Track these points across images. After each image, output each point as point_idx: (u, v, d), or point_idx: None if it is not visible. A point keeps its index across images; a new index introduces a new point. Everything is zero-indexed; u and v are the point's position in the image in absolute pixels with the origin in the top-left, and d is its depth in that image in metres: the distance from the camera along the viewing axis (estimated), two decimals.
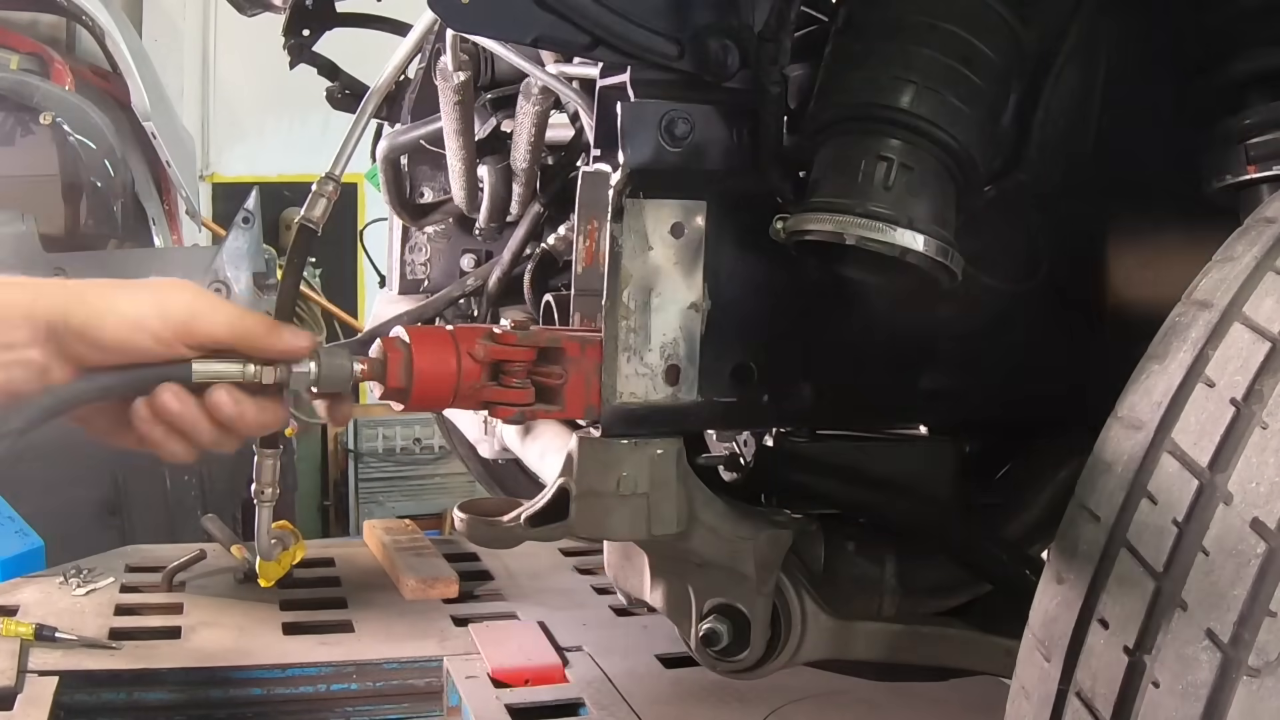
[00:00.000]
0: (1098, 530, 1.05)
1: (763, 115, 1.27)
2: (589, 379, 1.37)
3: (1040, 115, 1.46)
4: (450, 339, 1.33)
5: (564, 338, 1.37)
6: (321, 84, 2.73)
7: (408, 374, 1.31)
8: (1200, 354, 1.05)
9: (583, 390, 1.37)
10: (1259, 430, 0.96)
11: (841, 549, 1.70)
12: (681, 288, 1.38)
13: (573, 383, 1.36)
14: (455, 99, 1.76)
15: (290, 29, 2.57)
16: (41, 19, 4.73)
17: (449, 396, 1.33)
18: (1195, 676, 0.93)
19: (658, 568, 1.58)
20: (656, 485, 1.42)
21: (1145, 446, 1.04)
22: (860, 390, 1.52)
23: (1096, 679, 1.01)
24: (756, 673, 1.62)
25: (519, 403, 1.35)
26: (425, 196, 2.46)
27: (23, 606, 2.56)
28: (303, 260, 1.72)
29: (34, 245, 3.99)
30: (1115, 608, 1.01)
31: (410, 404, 1.34)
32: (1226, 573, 0.93)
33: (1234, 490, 0.95)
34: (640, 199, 1.35)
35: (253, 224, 4.42)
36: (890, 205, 1.18)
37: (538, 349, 1.35)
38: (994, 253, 1.49)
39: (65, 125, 4.22)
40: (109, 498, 4.05)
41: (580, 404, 1.38)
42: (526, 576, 2.86)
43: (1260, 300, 1.04)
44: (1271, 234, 1.09)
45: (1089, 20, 1.44)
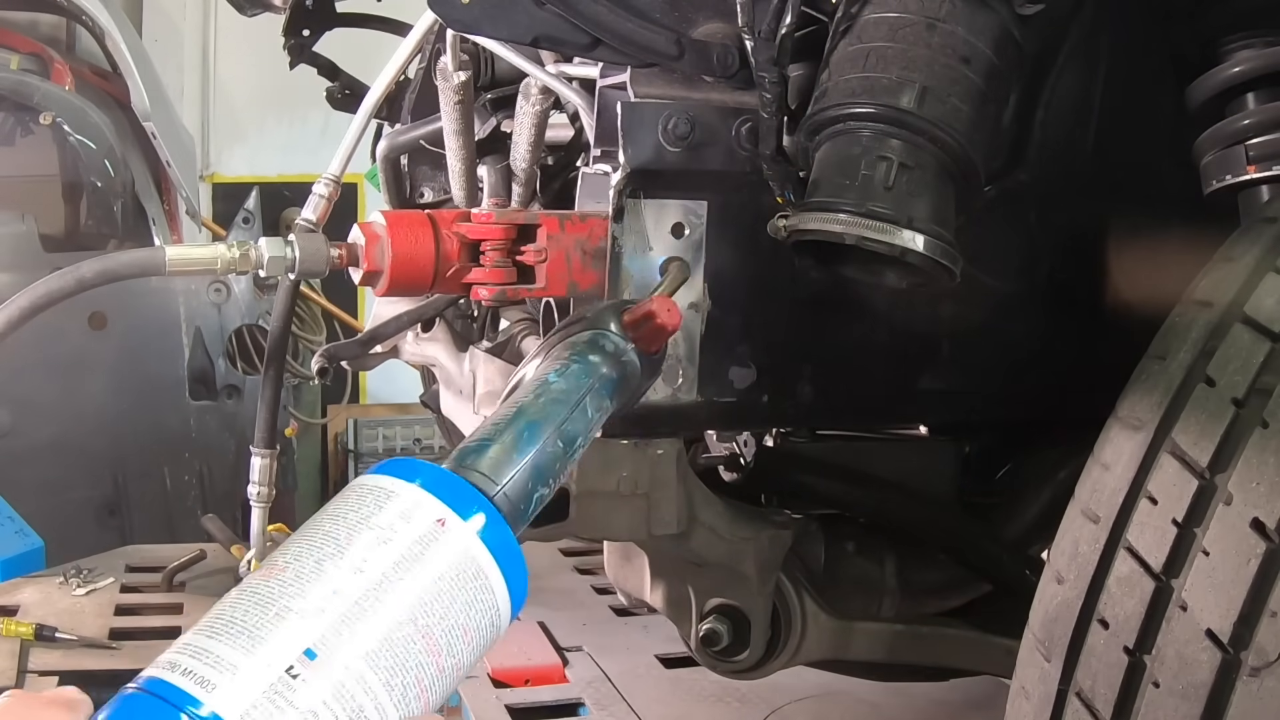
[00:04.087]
0: (1098, 530, 1.05)
1: (763, 115, 1.27)
2: (569, 256, 1.35)
3: (1040, 115, 1.47)
4: (428, 221, 1.32)
5: (542, 215, 1.36)
6: (321, 84, 2.73)
7: (384, 256, 1.30)
8: (1200, 354, 1.05)
9: (564, 267, 1.35)
10: (1259, 430, 0.96)
11: (841, 549, 1.70)
12: (682, 288, 1.38)
13: (553, 260, 1.35)
14: (455, 99, 1.75)
15: (290, 29, 2.57)
16: (41, 19, 4.73)
17: (428, 279, 1.32)
18: (1195, 676, 0.93)
19: (658, 568, 1.58)
20: (656, 485, 1.42)
21: (1145, 446, 1.04)
22: (860, 390, 1.52)
23: (1096, 679, 1.01)
24: (756, 673, 1.62)
25: (499, 281, 1.33)
26: (425, 196, 2.45)
27: (23, 606, 2.56)
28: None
29: (34, 245, 3.99)
30: (1115, 608, 1.01)
31: (388, 287, 1.33)
32: (1226, 573, 0.93)
33: (1234, 490, 0.95)
34: (640, 199, 1.35)
35: (253, 224, 4.42)
36: (890, 205, 1.18)
37: (516, 227, 1.34)
38: (994, 253, 1.49)
39: (65, 125, 4.22)
40: (109, 498, 4.05)
41: (562, 281, 1.36)
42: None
43: (1261, 300, 1.04)
44: (1271, 234, 1.10)
45: (1089, 20, 1.44)
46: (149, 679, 0.68)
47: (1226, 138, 1.27)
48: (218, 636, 0.69)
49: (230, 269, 1.34)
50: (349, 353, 2.00)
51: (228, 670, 0.67)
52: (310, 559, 0.73)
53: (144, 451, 4.10)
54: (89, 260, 1.44)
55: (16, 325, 1.41)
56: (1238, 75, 1.28)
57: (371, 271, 1.32)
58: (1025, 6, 1.23)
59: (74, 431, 3.96)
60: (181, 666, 0.68)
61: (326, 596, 0.71)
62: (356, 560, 0.73)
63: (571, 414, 0.93)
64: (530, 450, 0.88)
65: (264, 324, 4.14)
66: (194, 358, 4.21)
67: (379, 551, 0.73)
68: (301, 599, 0.70)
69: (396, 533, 0.74)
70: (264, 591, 0.71)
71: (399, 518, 0.75)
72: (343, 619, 0.70)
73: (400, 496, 0.76)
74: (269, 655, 0.68)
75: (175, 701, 0.66)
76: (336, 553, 0.73)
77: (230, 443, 4.23)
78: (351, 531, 0.74)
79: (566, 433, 0.92)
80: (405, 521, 0.75)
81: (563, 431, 0.92)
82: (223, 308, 4.23)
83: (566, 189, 1.88)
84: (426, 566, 0.74)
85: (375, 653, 0.70)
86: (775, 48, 1.25)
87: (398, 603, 0.72)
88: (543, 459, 0.89)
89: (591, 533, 1.47)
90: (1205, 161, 1.29)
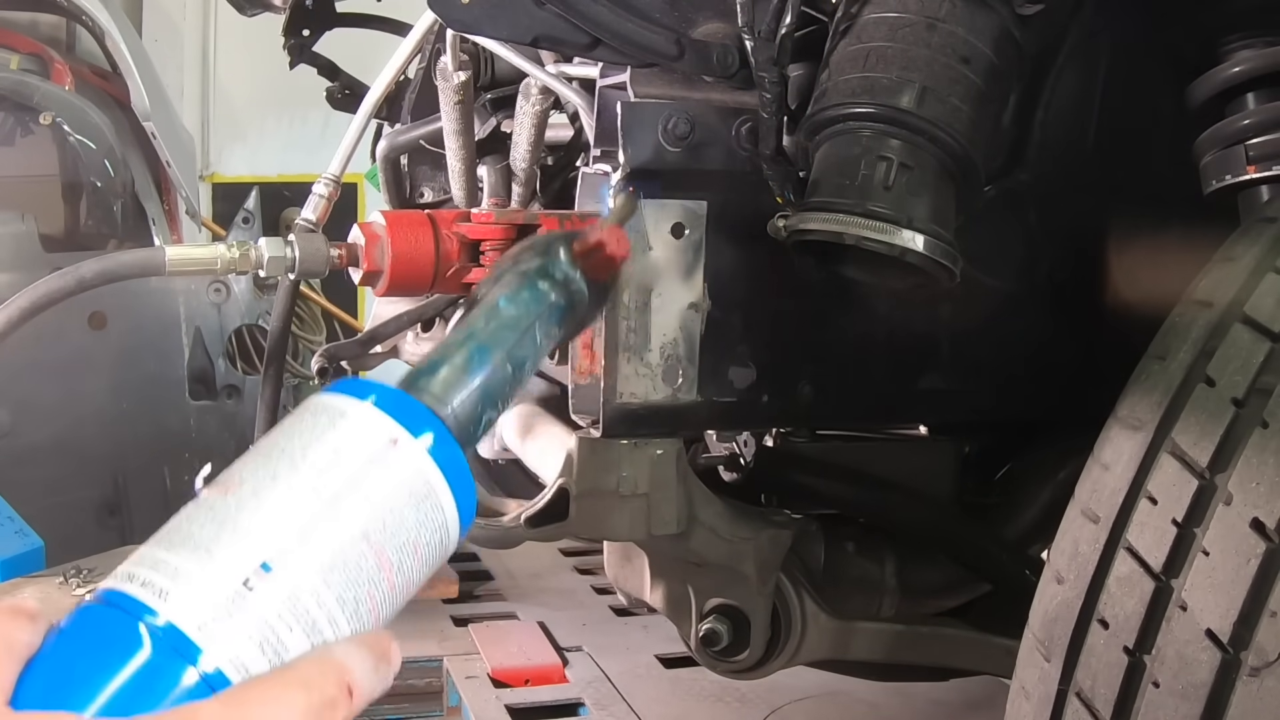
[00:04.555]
0: (1098, 530, 1.05)
1: (763, 115, 1.27)
2: None
3: (1040, 115, 1.47)
4: (428, 221, 1.32)
5: (542, 215, 1.36)
6: (321, 84, 2.73)
7: (384, 256, 1.31)
8: (1200, 354, 1.05)
9: None
10: (1259, 430, 0.96)
11: (841, 549, 1.70)
12: (681, 288, 1.38)
13: None
14: (455, 99, 1.75)
15: (290, 29, 2.57)
16: (41, 19, 4.72)
17: (428, 279, 1.33)
18: (1195, 676, 0.93)
19: (658, 568, 1.58)
20: (656, 485, 1.42)
21: (1145, 446, 1.04)
22: (860, 390, 1.52)
23: (1096, 679, 1.01)
24: (756, 673, 1.62)
25: None
26: (425, 196, 2.45)
27: None
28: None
29: (34, 245, 3.99)
30: (1115, 608, 1.01)
31: (388, 287, 1.33)
32: (1226, 573, 0.93)
33: (1234, 490, 0.95)
34: (640, 199, 1.35)
35: (253, 224, 4.42)
36: (890, 205, 1.18)
37: (516, 227, 1.34)
38: (994, 253, 1.49)
39: (65, 125, 4.22)
40: (109, 498, 4.05)
41: None
42: (526, 576, 2.85)
43: (1261, 300, 1.04)
44: (1271, 234, 1.10)
45: (1089, 20, 1.44)
46: (106, 590, 0.69)
47: (1226, 138, 1.27)
48: (175, 549, 0.70)
49: (230, 269, 1.34)
50: (349, 353, 2.00)
51: (184, 581, 0.68)
52: (265, 475, 0.74)
53: (144, 451, 4.10)
54: (89, 260, 1.45)
55: (16, 325, 1.41)
56: (1238, 75, 1.28)
57: (371, 271, 1.32)
58: (1025, 6, 1.23)
59: (74, 431, 3.96)
60: (139, 578, 0.68)
61: (282, 512, 0.72)
62: (311, 476, 0.74)
63: (521, 339, 0.96)
64: (480, 373, 0.90)
65: (264, 324, 4.14)
66: (194, 358, 4.21)
67: (333, 468, 0.74)
68: (257, 514, 0.71)
69: (350, 450, 0.75)
70: (220, 506, 0.72)
71: (352, 435, 0.76)
72: (298, 533, 0.71)
73: (353, 415, 0.77)
74: (226, 568, 0.68)
75: (132, 611, 0.66)
76: (291, 469, 0.74)
77: (230, 443, 4.22)
78: (306, 449, 0.75)
79: (515, 357, 0.94)
80: (359, 439, 0.76)
81: (511, 355, 0.94)
82: (223, 308, 4.23)
83: (566, 189, 1.88)
84: (379, 484, 0.75)
85: (329, 566, 0.71)
86: (775, 48, 1.25)
87: (351, 519, 0.73)
88: (492, 382, 0.91)
89: (591, 533, 1.47)
90: (1205, 161, 1.29)
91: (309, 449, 0.75)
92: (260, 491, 0.73)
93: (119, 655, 0.65)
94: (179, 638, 0.66)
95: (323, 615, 0.70)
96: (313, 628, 0.69)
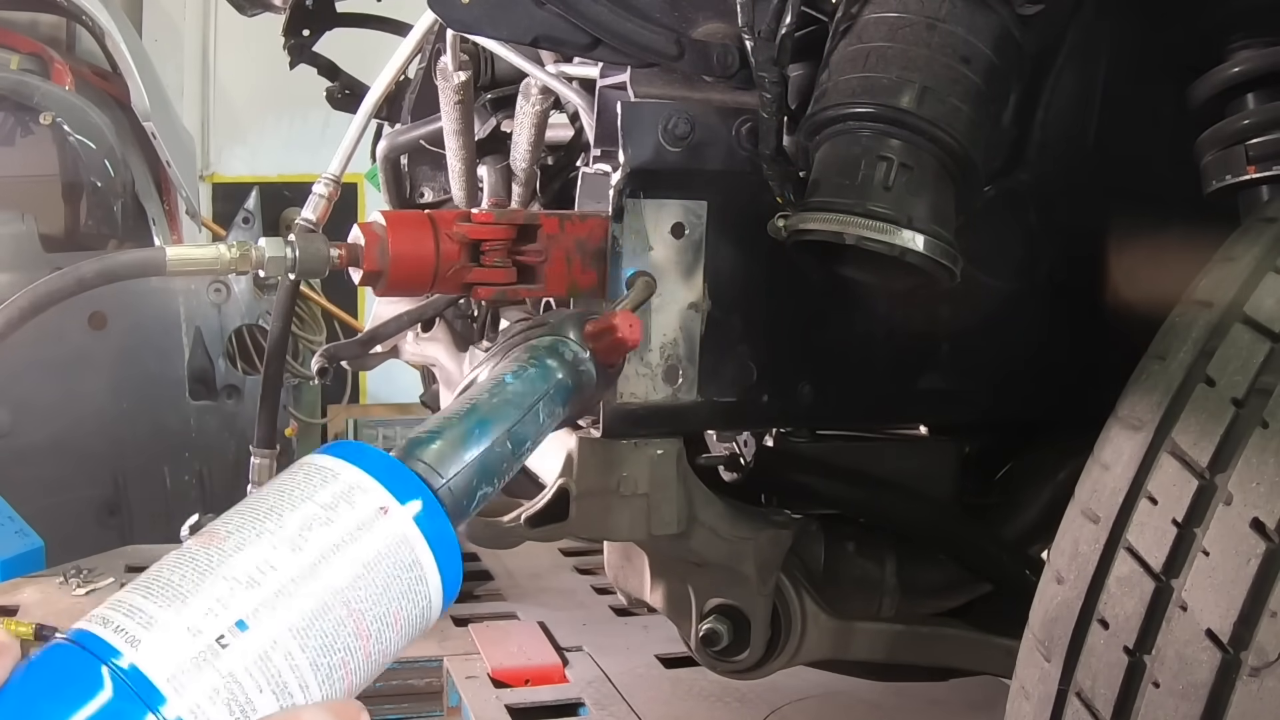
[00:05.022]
0: (1098, 530, 1.05)
1: (763, 115, 1.27)
2: (570, 256, 1.36)
3: (1040, 115, 1.47)
4: (427, 221, 1.32)
5: (542, 215, 1.36)
6: (321, 84, 2.73)
7: (384, 257, 1.31)
8: (1200, 354, 1.05)
9: (564, 268, 1.35)
10: (1259, 430, 0.96)
11: (841, 549, 1.70)
12: (681, 288, 1.38)
13: (553, 260, 1.35)
14: (455, 99, 1.75)
15: (290, 29, 2.57)
16: (41, 19, 4.73)
17: (428, 279, 1.33)
18: (1195, 676, 0.93)
19: (658, 568, 1.58)
20: (656, 485, 1.42)
21: (1145, 446, 1.04)
22: (860, 390, 1.52)
23: (1096, 679, 1.01)
24: (756, 673, 1.62)
25: (499, 282, 1.33)
26: (425, 196, 2.45)
27: (23, 606, 2.56)
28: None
29: (34, 245, 3.99)
30: (1115, 608, 1.01)
31: (388, 287, 1.34)
32: (1226, 573, 0.93)
33: (1234, 490, 0.95)
34: (640, 199, 1.35)
35: (253, 224, 4.42)
36: (890, 205, 1.18)
37: (516, 227, 1.34)
38: (994, 252, 1.49)
39: (65, 125, 4.22)
40: (109, 498, 4.05)
41: (562, 282, 1.36)
42: (526, 576, 2.85)
43: (1261, 300, 1.04)
44: (1271, 234, 1.09)
45: (1089, 20, 1.44)
46: (78, 631, 0.69)
47: (1226, 138, 1.27)
48: (152, 597, 0.69)
49: (230, 269, 1.34)
50: (349, 353, 2.01)
51: (158, 630, 0.68)
52: (251, 530, 0.73)
53: (144, 451, 4.10)
54: (89, 260, 1.44)
55: (16, 325, 1.41)
56: (1238, 75, 1.28)
57: (371, 272, 1.32)
58: (1025, 6, 1.23)
59: (74, 431, 3.96)
60: (113, 623, 0.68)
61: (263, 570, 0.71)
62: (295, 537, 0.73)
63: (523, 416, 0.96)
64: (479, 448, 0.90)
65: (264, 324, 4.14)
66: (194, 358, 4.21)
67: (319, 531, 0.74)
68: (238, 569, 0.71)
69: (338, 514, 0.75)
70: (202, 558, 0.72)
71: (342, 499, 0.76)
72: (276, 594, 0.71)
73: (345, 478, 0.77)
74: (201, 622, 0.68)
75: (101, 654, 0.66)
76: (277, 527, 0.74)
77: (230, 443, 4.23)
78: (293, 507, 0.75)
79: (516, 434, 0.94)
80: (348, 504, 0.76)
81: (513, 433, 0.94)
82: (223, 308, 4.23)
83: (566, 189, 1.88)
84: (364, 550, 0.75)
85: (305, 630, 0.71)
86: (775, 48, 1.25)
87: (332, 583, 0.73)
88: (490, 458, 0.90)
89: (591, 533, 1.47)
90: (1205, 161, 1.29)
91: (297, 508, 0.75)
92: (244, 547, 0.72)
93: (82, 696, 0.65)
94: (144, 684, 0.66)
95: (294, 679, 0.70)
96: (283, 690, 0.69)
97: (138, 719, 0.65)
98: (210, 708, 0.66)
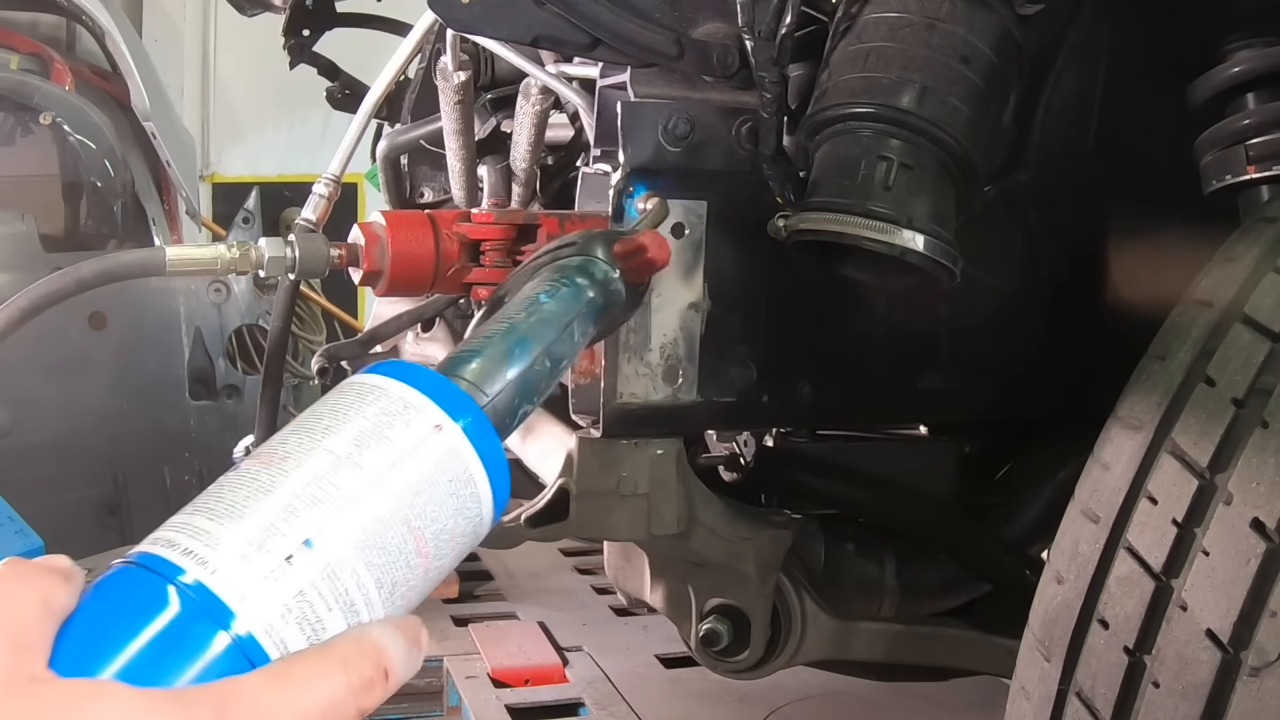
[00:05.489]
0: (1098, 530, 1.05)
1: (763, 115, 1.27)
2: None
3: (1040, 115, 1.47)
4: (428, 221, 1.32)
5: (542, 215, 1.36)
6: (321, 84, 2.73)
7: (384, 257, 1.31)
8: (1200, 354, 1.05)
9: None
10: (1259, 430, 0.96)
11: (841, 549, 1.70)
12: (681, 288, 1.38)
13: None
14: (455, 99, 1.75)
15: (290, 29, 2.57)
16: (41, 19, 4.72)
17: (428, 279, 1.33)
18: (1195, 676, 0.93)
19: (658, 568, 1.58)
20: (656, 485, 1.42)
21: (1145, 446, 1.04)
22: (860, 390, 1.52)
23: (1096, 679, 1.01)
24: (756, 673, 1.62)
25: (499, 281, 1.34)
26: (425, 196, 2.45)
27: None
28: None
29: (34, 245, 3.99)
30: (1115, 608, 1.01)
31: (388, 287, 1.34)
32: (1226, 573, 0.93)
33: (1234, 490, 0.95)
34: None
35: (253, 224, 4.42)
36: (890, 205, 1.18)
37: (516, 227, 1.34)
38: (994, 252, 1.49)
39: (65, 125, 4.22)
40: (109, 498, 4.05)
41: None
42: (526, 576, 2.85)
43: (1261, 300, 1.04)
44: (1271, 234, 1.09)
45: (1089, 20, 1.44)
46: (142, 553, 0.69)
47: (1226, 138, 1.27)
48: (217, 518, 0.69)
49: (230, 269, 1.34)
50: (349, 353, 2.00)
51: (225, 550, 0.67)
52: (309, 450, 0.73)
53: (144, 451, 4.10)
54: (89, 260, 1.44)
55: (16, 325, 1.41)
56: (1238, 75, 1.28)
57: (371, 271, 1.32)
58: (1025, 6, 1.23)
59: (74, 431, 3.96)
60: (179, 544, 0.68)
61: (325, 488, 0.71)
62: (354, 455, 0.73)
63: (560, 335, 0.96)
64: (520, 366, 0.90)
65: (264, 324, 4.14)
66: (194, 358, 4.21)
67: (376, 448, 0.74)
68: (300, 488, 0.71)
69: (394, 431, 0.75)
70: (263, 477, 0.71)
71: (396, 416, 0.76)
72: (340, 512, 0.71)
73: (396, 395, 0.77)
74: (269, 541, 0.68)
75: (167, 574, 0.67)
76: (335, 445, 0.74)
77: (230, 443, 4.22)
78: (350, 426, 0.75)
79: (554, 353, 0.95)
80: (403, 422, 0.76)
81: (550, 351, 0.94)
82: (223, 308, 4.23)
83: (566, 189, 1.88)
84: (421, 467, 0.75)
85: (369, 547, 0.71)
86: (775, 48, 1.25)
87: (393, 500, 0.73)
88: (530, 376, 0.91)
89: (591, 533, 1.47)
90: (1205, 161, 1.29)
91: (353, 426, 0.75)
92: (303, 465, 0.72)
93: (151, 616, 0.65)
94: (214, 602, 0.66)
95: (360, 596, 0.70)
96: (350, 608, 0.69)
97: (209, 637, 0.65)
98: (282, 626, 0.66)
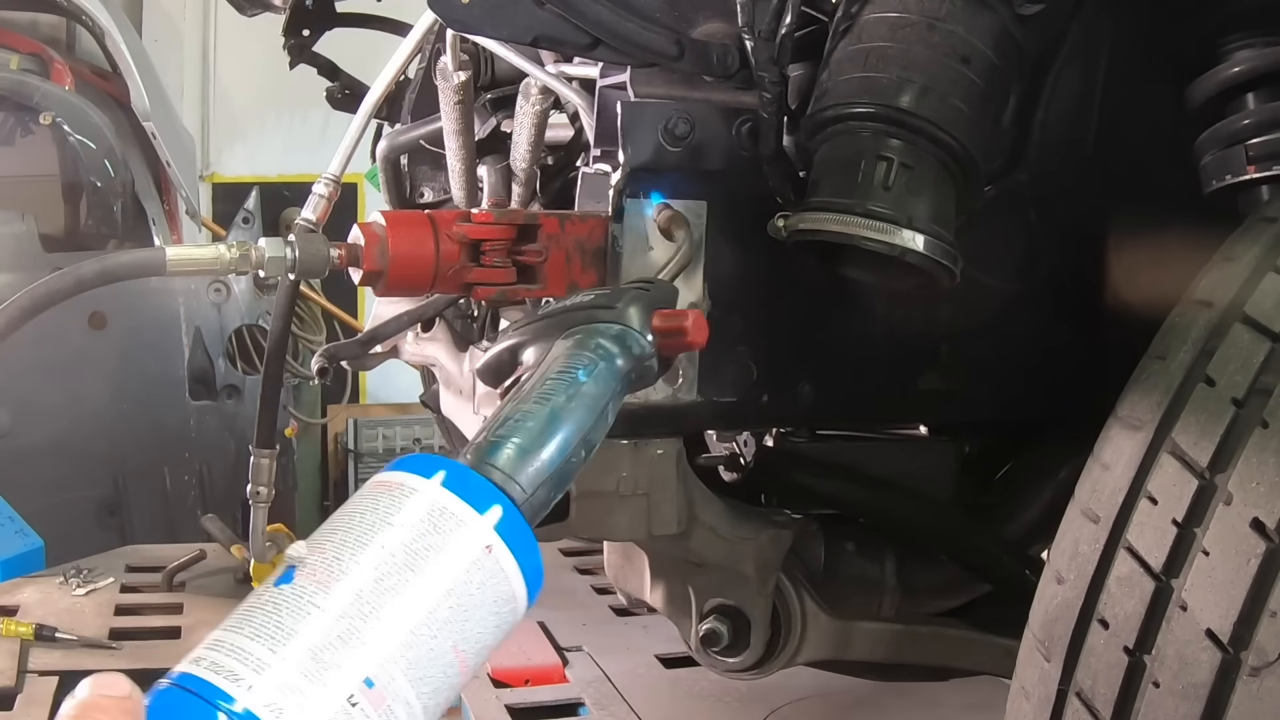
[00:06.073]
0: (1098, 530, 1.05)
1: (763, 115, 1.27)
2: (570, 256, 1.36)
3: (1040, 115, 1.46)
4: (428, 221, 1.32)
5: (542, 215, 1.36)
6: (321, 84, 2.73)
7: (384, 257, 1.31)
8: (1200, 354, 1.05)
9: (564, 267, 1.36)
10: (1259, 430, 0.96)
11: (841, 549, 1.70)
12: (681, 288, 1.38)
13: (553, 260, 1.35)
14: (455, 99, 1.75)
15: (290, 29, 2.57)
16: (41, 19, 4.73)
17: (428, 279, 1.33)
18: (1195, 676, 0.93)
19: (658, 568, 1.58)
20: (656, 485, 1.42)
21: (1145, 446, 1.04)
22: (860, 390, 1.52)
23: (1096, 679, 1.01)
24: (756, 673, 1.62)
25: (500, 282, 1.34)
26: (425, 196, 2.45)
27: (23, 606, 2.56)
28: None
29: (34, 245, 3.99)
30: (1115, 608, 1.01)
31: (388, 287, 1.33)
32: (1226, 573, 0.93)
33: (1234, 490, 0.95)
34: (640, 199, 1.35)
35: (253, 224, 4.42)
36: (890, 205, 1.18)
37: (516, 227, 1.34)
38: (994, 252, 1.49)
39: (65, 125, 4.22)
40: (109, 498, 4.05)
41: (562, 281, 1.36)
42: None
43: (1261, 300, 1.04)
44: (1271, 234, 1.09)
45: (1089, 20, 1.44)
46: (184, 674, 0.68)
47: (1226, 138, 1.27)
48: (279, 646, 0.69)
49: (230, 269, 1.34)
50: (349, 353, 2.00)
51: (292, 692, 0.68)
52: (366, 576, 0.73)
53: (144, 451, 4.10)
54: (89, 260, 1.44)
55: (16, 325, 1.41)
56: (1238, 75, 1.28)
57: (371, 272, 1.32)
58: (1025, 6, 1.23)
59: (74, 431, 3.96)
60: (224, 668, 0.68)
61: (388, 623, 0.72)
62: (411, 581, 0.74)
63: (596, 421, 0.93)
64: (560, 459, 0.88)
65: (264, 324, 4.14)
66: (194, 358, 4.21)
67: (432, 572, 0.75)
68: (364, 622, 0.72)
69: (446, 555, 0.76)
70: (320, 603, 0.71)
71: (450, 535, 0.77)
72: (401, 648, 0.72)
73: (446, 508, 0.77)
74: (332, 680, 0.69)
75: (210, 699, 0.66)
76: (390, 572, 0.74)
77: (230, 443, 4.23)
78: (394, 541, 0.75)
79: (589, 440, 0.92)
80: (459, 541, 0.77)
81: (586, 439, 0.92)
82: (223, 308, 4.23)
83: (566, 189, 1.88)
84: (472, 594, 0.76)
85: (421, 679, 0.72)
86: (775, 48, 1.25)
87: (447, 631, 0.75)
88: (567, 469, 0.89)
89: (591, 533, 1.47)
90: (1205, 161, 1.29)
91: (398, 541, 0.75)
92: (364, 595, 0.72)
93: None
94: None
95: (406, 717, 0.72)
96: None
97: None
98: None
